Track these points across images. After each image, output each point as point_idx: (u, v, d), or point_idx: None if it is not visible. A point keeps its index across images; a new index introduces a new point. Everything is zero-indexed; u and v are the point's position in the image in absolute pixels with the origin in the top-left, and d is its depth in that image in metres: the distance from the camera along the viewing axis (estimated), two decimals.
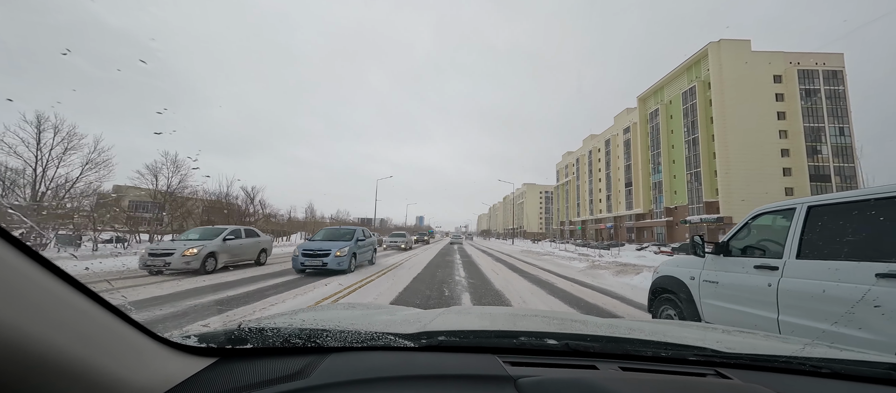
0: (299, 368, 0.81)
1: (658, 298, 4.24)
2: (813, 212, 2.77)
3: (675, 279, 3.97)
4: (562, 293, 8.05)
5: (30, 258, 0.51)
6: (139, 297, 6.44)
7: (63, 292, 0.54)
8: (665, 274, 4.18)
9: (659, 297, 4.23)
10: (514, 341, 1.01)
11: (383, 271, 11.37)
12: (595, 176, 79.74)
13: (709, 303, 3.50)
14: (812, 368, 0.95)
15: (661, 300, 4.19)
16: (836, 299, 2.42)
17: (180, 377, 0.72)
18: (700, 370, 0.92)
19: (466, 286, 8.73)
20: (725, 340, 1.19)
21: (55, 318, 0.51)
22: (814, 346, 1.18)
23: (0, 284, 0.46)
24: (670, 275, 4.08)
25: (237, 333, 0.90)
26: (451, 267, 13.41)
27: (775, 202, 3.25)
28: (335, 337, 0.93)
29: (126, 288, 7.42)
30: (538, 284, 9.57)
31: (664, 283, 4.13)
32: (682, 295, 3.81)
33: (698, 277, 3.65)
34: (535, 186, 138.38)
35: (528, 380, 0.77)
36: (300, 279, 9.16)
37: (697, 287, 3.64)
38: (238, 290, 7.37)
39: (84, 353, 0.54)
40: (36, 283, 0.50)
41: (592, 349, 1.00)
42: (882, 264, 2.24)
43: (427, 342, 0.97)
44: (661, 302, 4.18)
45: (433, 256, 18.86)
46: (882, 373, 0.94)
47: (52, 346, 0.49)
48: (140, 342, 0.67)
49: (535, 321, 1.44)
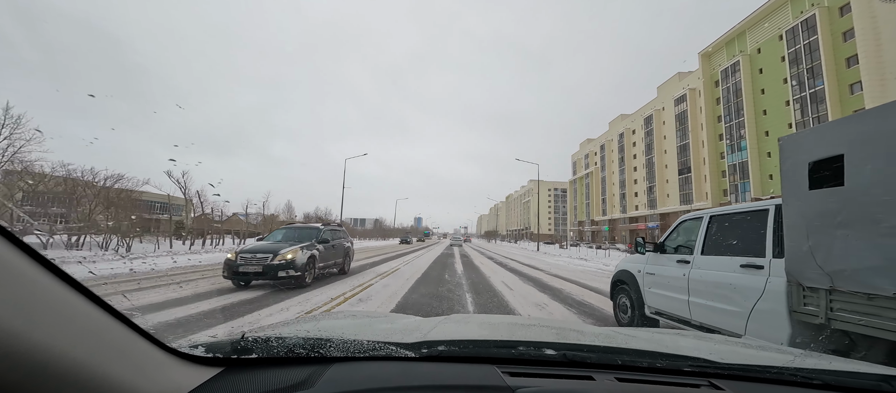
0: (303, 378, 0.82)
1: (616, 289, 5.25)
2: (712, 220, 3.75)
3: (627, 272, 4.94)
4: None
5: (43, 267, 0.51)
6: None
7: (75, 301, 0.54)
8: (621, 268, 5.12)
9: (616, 287, 5.24)
10: (513, 351, 1.03)
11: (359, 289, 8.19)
12: (628, 164, 63.49)
13: (649, 290, 4.45)
14: (803, 378, 0.96)
15: (618, 290, 5.21)
16: (718, 283, 3.47)
17: (189, 387, 0.73)
18: (694, 381, 0.93)
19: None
20: (720, 351, 1.22)
21: (69, 328, 0.52)
22: (805, 357, 1.23)
23: (16, 293, 0.46)
24: (624, 269, 5.04)
25: (242, 343, 0.90)
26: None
27: (696, 211, 4.14)
28: (338, 347, 0.94)
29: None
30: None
31: (620, 276, 5.09)
32: (632, 285, 4.79)
33: (642, 271, 4.59)
34: (543, 183, 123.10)
35: (527, 390, 0.79)
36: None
37: (642, 278, 4.61)
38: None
39: (97, 362, 0.54)
40: (49, 291, 0.51)
41: (589, 360, 1.01)
42: (743, 258, 3.29)
43: (428, 352, 0.99)
44: (618, 292, 5.21)
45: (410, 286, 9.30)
46: (872, 384, 0.96)
47: (66, 356, 0.49)
48: (150, 352, 0.68)
49: (533, 331, 1.45)
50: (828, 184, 2.52)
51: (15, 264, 0.47)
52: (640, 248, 4.67)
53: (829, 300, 2.50)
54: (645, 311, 4.60)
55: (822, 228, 2.53)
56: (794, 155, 2.78)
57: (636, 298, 4.72)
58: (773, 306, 2.92)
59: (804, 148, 2.72)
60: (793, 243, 2.74)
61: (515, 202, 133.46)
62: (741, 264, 3.27)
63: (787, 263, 2.79)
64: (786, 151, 2.86)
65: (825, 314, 2.52)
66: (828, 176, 2.53)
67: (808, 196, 2.63)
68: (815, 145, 2.64)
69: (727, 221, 3.63)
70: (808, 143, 2.70)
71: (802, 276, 2.66)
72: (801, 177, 2.69)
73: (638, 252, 4.75)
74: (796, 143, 2.81)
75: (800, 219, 2.69)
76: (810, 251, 2.58)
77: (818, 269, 2.53)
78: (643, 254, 4.67)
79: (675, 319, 4.05)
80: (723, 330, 3.37)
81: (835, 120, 2.76)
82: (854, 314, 2.37)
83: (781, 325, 2.85)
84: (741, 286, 3.21)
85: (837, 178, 2.44)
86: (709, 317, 3.55)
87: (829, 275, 2.47)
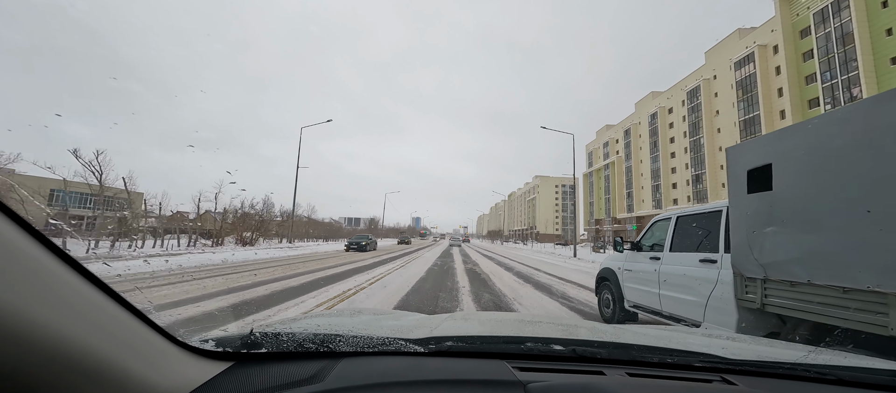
0: (314, 372, 0.82)
1: (600, 285, 5.64)
2: (679, 220, 4.16)
3: (609, 269, 5.33)
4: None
5: (65, 263, 0.52)
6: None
7: (95, 297, 0.56)
8: (605, 266, 5.53)
9: (600, 284, 5.61)
10: (522, 347, 1.02)
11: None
12: (664, 150, 52.30)
13: (627, 285, 4.84)
14: (816, 374, 0.95)
15: (602, 286, 5.58)
16: (682, 276, 3.88)
17: (200, 380, 0.74)
18: (706, 376, 0.92)
19: None
20: (730, 347, 1.22)
21: (89, 321, 0.54)
22: (818, 352, 1.20)
23: (42, 288, 0.48)
24: (607, 266, 5.45)
25: (252, 338, 0.90)
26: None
27: (667, 212, 4.58)
28: (347, 342, 0.94)
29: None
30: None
31: (604, 273, 5.49)
32: (613, 281, 5.16)
33: (622, 268, 4.99)
34: (549, 179, 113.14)
35: (538, 385, 0.77)
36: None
37: (621, 274, 5.00)
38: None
39: (115, 355, 0.56)
40: (71, 286, 0.52)
41: (599, 355, 1.00)
42: (701, 254, 3.70)
43: (436, 347, 0.98)
44: (602, 287, 5.57)
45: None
46: (887, 379, 0.94)
47: (88, 348, 0.51)
48: (163, 346, 0.69)
49: (541, 327, 1.44)
50: (760, 189, 2.93)
51: (47, 264, 0.49)
52: (618, 246, 5.13)
53: (764, 288, 2.91)
54: (624, 305, 4.98)
55: (756, 226, 2.95)
56: (736, 163, 3.20)
57: (617, 293, 5.10)
58: (724, 295, 3.31)
59: (744, 157, 3.14)
60: (736, 240, 3.16)
61: (519, 200, 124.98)
62: (700, 259, 3.70)
63: (732, 257, 3.20)
64: (730, 160, 3.29)
65: (761, 300, 2.93)
66: (761, 182, 2.93)
67: (747, 199, 3.06)
68: (752, 155, 3.06)
69: (691, 221, 4.05)
70: (747, 153, 3.12)
71: (743, 267, 3.07)
72: (741, 182, 3.11)
73: (616, 250, 5.21)
74: (738, 152, 3.24)
75: (740, 219, 3.12)
76: (748, 246, 3.00)
77: (755, 261, 2.94)
78: (622, 252, 5.10)
79: (649, 311, 4.45)
80: (686, 319, 3.80)
81: (766, 134, 3.14)
82: (781, 299, 2.78)
83: (731, 311, 3.24)
84: (700, 278, 3.62)
85: (768, 184, 2.86)
86: (675, 307, 3.95)
87: (762, 266, 2.89)
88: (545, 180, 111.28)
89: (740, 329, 3.16)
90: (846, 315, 2.31)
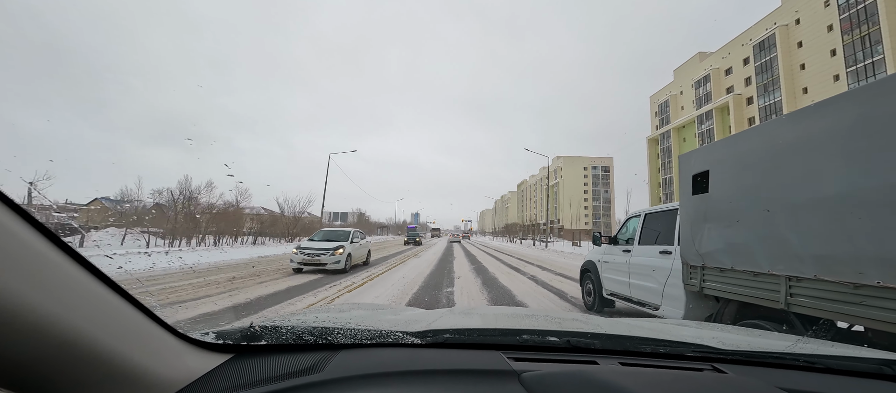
0: (312, 364, 0.84)
1: (583, 276, 6.29)
2: (647, 217, 4.78)
3: (591, 261, 5.95)
4: None
5: (73, 260, 0.54)
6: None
7: (101, 291, 0.58)
8: (587, 259, 6.13)
9: (584, 275, 6.27)
10: (517, 339, 1.04)
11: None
12: (792, 81, 34.37)
13: (605, 275, 5.50)
14: (805, 362, 0.98)
15: (585, 277, 6.24)
16: (646, 266, 4.40)
17: (201, 371, 0.76)
18: (697, 366, 0.94)
19: None
20: (721, 337, 1.24)
21: (97, 315, 0.56)
22: (806, 342, 1.26)
23: (51, 283, 0.50)
24: (589, 259, 6.06)
25: (252, 331, 0.92)
26: None
27: (638, 210, 5.14)
28: (346, 334, 0.96)
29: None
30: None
31: (586, 265, 6.11)
32: (594, 272, 5.80)
33: (600, 260, 5.64)
34: (576, 160, 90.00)
35: (531, 374, 0.79)
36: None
37: (600, 266, 5.64)
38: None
39: (123, 348, 0.58)
40: (79, 281, 0.54)
41: (593, 346, 1.03)
42: (661, 246, 4.25)
43: (433, 339, 1.00)
44: (585, 279, 6.22)
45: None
46: (874, 368, 0.97)
47: (96, 340, 0.54)
48: (166, 339, 0.71)
49: (536, 320, 1.46)
50: (701, 191, 3.49)
51: (56, 261, 0.51)
52: (596, 241, 5.80)
53: (702, 275, 3.48)
54: (603, 293, 5.62)
55: (697, 223, 3.51)
56: (685, 168, 3.75)
57: (597, 283, 5.75)
58: (676, 281, 3.89)
59: (690, 164, 3.68)
60: (683, 234, 3.75)
61: (533, 189, 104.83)
62: (660, 251, 4.31)
63: (681, 249, 3.79)
64: (681, 165, 3.85)
65: (700, 284, 3.50)
66: (702, 186, 3.49)
67: (691, 199, 3.63)
68: (696, 163, 3.61)
69: (656, 217, 4.67)
70: (693, 161, 3.67)
71: (688, 257, 3.65)
72: (687, 185, 3.67)
73: (595, 245, 5.88)
74: (687, 159, 3.77)
75: (686, 216, 3.70)
76: (692, 239, 3.57)
77: (696, 252, 3.52)
78: (600, 246, 5.78)
79: (621, 298, 5.08)
80: (649, 303, 4.39)
81: (707, 145, 3.96)
82: (714, 283, 3.35)
83: (681, 295, 3.82)
84: (659, 267, 4.23)
85: (706, 187, 3.42)
86: (640, 294, 4.58)
87: (701, 256, 3.45)
88: (570, 161, 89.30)
89: (688, 311, 3.73)
90: (756, 294, 2.91)
